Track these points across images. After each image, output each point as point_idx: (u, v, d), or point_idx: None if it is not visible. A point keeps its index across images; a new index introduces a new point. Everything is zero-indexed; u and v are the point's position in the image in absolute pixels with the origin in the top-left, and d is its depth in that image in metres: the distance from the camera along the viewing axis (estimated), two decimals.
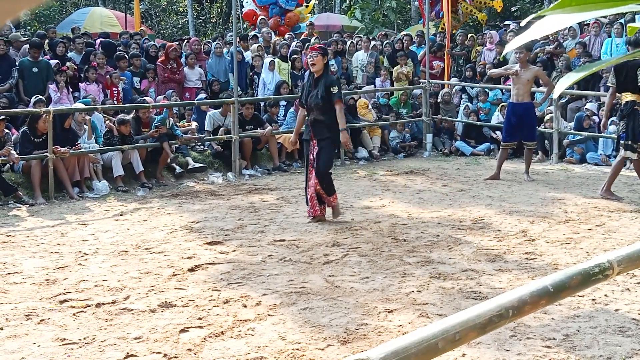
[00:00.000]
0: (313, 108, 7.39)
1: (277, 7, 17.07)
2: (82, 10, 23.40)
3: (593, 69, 1.27)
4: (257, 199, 8.98)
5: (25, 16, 23.28)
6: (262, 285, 5.32)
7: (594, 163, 11.54)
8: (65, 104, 10.70)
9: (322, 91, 7.27)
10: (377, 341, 4.16)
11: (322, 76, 7.37)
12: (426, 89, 13.26)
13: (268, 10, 17.08)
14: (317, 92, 7.32)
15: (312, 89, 7.42)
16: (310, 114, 7.47)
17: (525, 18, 1.41)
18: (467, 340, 1.60)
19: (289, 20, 17.20)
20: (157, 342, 4.22)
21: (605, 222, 7.28)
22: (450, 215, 7.73)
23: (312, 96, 7.35)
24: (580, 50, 13.06)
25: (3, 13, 0.77)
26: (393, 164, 12.00)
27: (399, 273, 5.55)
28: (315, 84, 7.39)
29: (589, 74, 1.25)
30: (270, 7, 17.05)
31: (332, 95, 7.27)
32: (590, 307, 4.71)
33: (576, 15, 1.14)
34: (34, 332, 4.43)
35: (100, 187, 9.61)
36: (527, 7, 23.12)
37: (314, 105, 7.36)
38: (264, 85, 12.75)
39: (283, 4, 17.05)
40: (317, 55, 7.30)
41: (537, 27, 1.22)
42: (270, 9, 17.07)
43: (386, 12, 23.55)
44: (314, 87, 7.39)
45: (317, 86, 7.34)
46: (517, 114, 9.93)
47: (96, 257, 6.29)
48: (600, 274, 1.91)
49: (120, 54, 12.51)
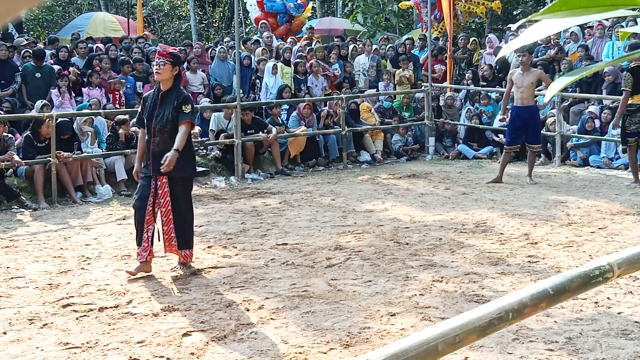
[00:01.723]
0: (157, 132, 5.74)
1: (286, 15, 17.09)
2: (84, 15, 23.47)
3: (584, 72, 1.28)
4: (260, 202, 8.99)
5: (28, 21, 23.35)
6: (265, 289, 5.33)
7: (596, 166, 11.52)
8: (67, 108, 10.73)
9: (171, 110, 5.70)
10: (379, 345, 4.16)
11: (171, 90, 5.77)
12: (428, 93, 13.27)
13: (276, 18, 17.09)
14: (163, 111, 5.73)
15: (157, 106, 5.77)
16: (152, 140, 5.77)
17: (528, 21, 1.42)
18: (467, 342, 1.61)
19: (297, 27, 17.25)
20: (160, 346, 4.23)
21: (608, 225, 7.28)
22: (452, 219, 7.73)
23: (158, 116, 5.73)
24: (583, 53, 13.06)
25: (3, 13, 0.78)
26: (395, 168, 12.00)
27: (401, 276, 5.56)
28: (162, 101, 5.76)
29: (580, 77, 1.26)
30: (279, 15, 17.06)
31: (182, 116, 5.70)
32: (592, 310, 4.71)
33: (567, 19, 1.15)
34: (37, 337, 4.44)
35: (103, 191, 9.63)
36: (529, 11, 23.13)
37: (160, 129, 5.73)
38: (267, 89, 12.77)
39: (293, 11, 17.08)
40: (165, 64, 5.68)
41: (529, 31, 1.23)
42: (280, 17, 17.08)
43: (388, 15, 23.57)
44: (159, 105, 5.76)
45: (165, 103, 5.74)
46: (522, 117, 9.93)
47: (99, 261, 6.31)
48: (601, 276, 1.91)
49: (125, 58, 12.53)
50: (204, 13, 32.18)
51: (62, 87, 10.98)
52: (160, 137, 5.73)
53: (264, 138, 11.28)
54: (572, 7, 1.09)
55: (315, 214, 8.15)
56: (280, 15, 17.10)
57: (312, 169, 11.93)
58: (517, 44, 1.30)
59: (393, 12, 22.86)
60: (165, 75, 5.70)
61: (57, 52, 12.35)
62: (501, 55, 1.92)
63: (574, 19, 1.14)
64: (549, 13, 1.13)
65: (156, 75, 5.80)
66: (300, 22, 17.35)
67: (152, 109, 5.78)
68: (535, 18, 1.18)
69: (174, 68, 5.73)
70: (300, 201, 8.98)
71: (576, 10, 1.09)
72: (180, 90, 5.87)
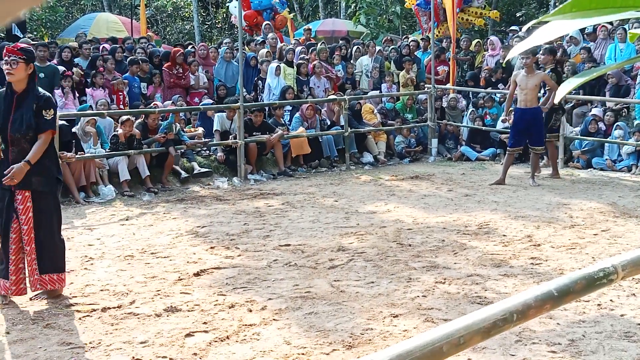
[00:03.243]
0: (15, 142, 5.05)
1: (272, 11, 17.34)
2: (88, 16, 23.48)
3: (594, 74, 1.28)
4: (263, 203, 9.00)
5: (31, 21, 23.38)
6: (268, 289, 5.33)
7: (599, 168, 11.51)
8: (71, 109, 10.74)
9: (31, 115, 5.03)
10: (382, 346, 4.17)
11: (26, 92, 5.09)
12: (431, 94, 13.27)
13: (263, 15, 17.31)
14: (21, 116, 5.03)
15: (12, 111, 5.06)
16: (10, 149, 5.08)
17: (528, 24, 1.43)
18: (471, 344, 1.61)
19: (280, 22, 17.43)
20: (163, 347, 4.23)
21: (611, 228, 7.27)
22: (455, 220, 7.73)
23: (15, 123, 5.02)
24: (585, 55, 13.06)
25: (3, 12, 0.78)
26: (398, 169, 12.00)
27: (404, 278, 5.56)
28: (18, 104, 5.06)
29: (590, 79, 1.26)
30: (265, 12, 17.27)
31: (44, 124, 5.07)
32: (595, 312, 4.70)
33: (578, 21, 1.15)
34: (40, 336, 4.45)
35: (106, 191, 9.64)
36: (532, 13, 23.12)
37: (18, 138, 5.04)
38: (270, 90, 12.78)
39: (278, 7, 17.38)
40: (18, 62, 4.99)
41: (539, 33, 1.23)
42: (266, 13, 17.28)
43: (391, 17, 23.57)
44: (15, 109, 5.05)
45: (21, 107, 5.05)
46: (525, 119, 9.93)
47: (102, 261, 6.31)
48: (605, 278, 1.91)
49: (134, 58, 12.56)
50: (207, 14, 32.19)
51: (65, 88, 10.99)
52: (20, 147, 5.05)
53: (267, 139, 11.28)
54: (582, 8, 1.09)
55: (318, 215, 8.15)
56: (267, 12, 17.29)
57: (315, 170, 11.93)
58: (527, 44, 1.31)
59: (396, 14, 22.86)
60: (19, 75, 5.02)
61: (60, 53, 12.36)
62: (511, 55, 1.92)
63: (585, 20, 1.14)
64: (560, 14, 1.13)
65: (9, 77, 5.03)
66: (282, 18, 17.57)
67: (6, 113, 5.04)
68: (546, 19, 1.18)
69: (28, 66, 5.06)
70: (303, 202, 8.98)
71: (586, 12, 1.10)
72: (37, 90, 5.15)
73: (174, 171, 10.60)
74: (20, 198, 5.05)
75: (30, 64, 5.08)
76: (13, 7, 0.78)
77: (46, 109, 5.08)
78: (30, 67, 5.09)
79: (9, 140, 5.05)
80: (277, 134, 11.33)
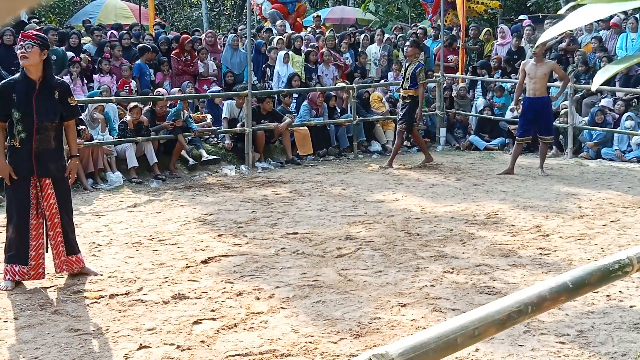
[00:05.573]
0: (42, 129, 5.09)
1: (294, 2, 17.24)
2: (96, 2, 23.41)
3: (633, 60, 1.25)
4: (270, 191, 8.98)
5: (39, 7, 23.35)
6: (275, 278, 5.33)
7: (608, 158, 11.45)
8: (79, 95, 10.74)
9: (55, 103, 5.12)
10: (390, 335, 4.16)
11: (45, 79, 5.12)
12: (440, 83, 13.20)
13: (288, 8, 17.24)
14: (44, 103, 5.07)
15: (34, 98, 5.07)
16: (34, 137, 5.08)
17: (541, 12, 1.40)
18: (486, 336, 1.59)
19: (299, 10, 17.44)
20: (170, 334, 4.24)
21: (620, 218, 7.23)
22: (463, 210, 7.70)
23: (40, 109, 5.05)
24: (596, 44, 12.96)
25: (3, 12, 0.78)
26: (406, 158, 11.96)
27: (412, 267, 5.54)
28: (40, 92, 5.08)
29: (628, 66, 1.24)
30: (290, 4, 17.20)
31: (70, 112, 5.23)
32: (604, 304, 4.68)
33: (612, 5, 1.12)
34: (48, 322, 4.46)
35: (114, 178, 9.65)
36: (542, 1, 22.93)
37: (45, 125, 5.09)
38: (279, 78, 12.74)
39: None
40: (33, 46, 5.01)
41: (572, 17, 1.20)
42: (291, 5, 17.22)
43: (400, 5, 23.45)
44: (36, 97, 5.07)
45: (42, 95, 5.09)
46: (534, 108, 9.87)
47: (110, 248, 6.32)
48: (620, 270, 1.89)
49: (147, 45, 12.54)
50: (215, 1, 32.11)
51: (73, 74, 10.98)
52: (45, 135, 5.10)
53: (274, 127, 11.26)
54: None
55: (326, 203, 8.13)
56: (292, 4, 17.22)
57: (323, 158, 11.91)
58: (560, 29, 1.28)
59: (405, 2, 22.74)
60: (33, 59, 5.02)
61: (68, 39, 12.34)
62: (542, 41, 1.88)
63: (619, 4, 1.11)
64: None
65: (23, 60, 5.03)
66: (303, 6, 17.60)
67: (27, 101, 5.04)
68: (581, 3, 1.15)
69: (42, 52, 5.06)
70: (311, 190, 8.97)
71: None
72: (56, 78, 5.29)
73: (181, 158, 10.60)
74: (41, 186, 5.17)
75: (44, 49, 5.09)
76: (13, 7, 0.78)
77: (70, 96, 5.22)
78: (45, 53, 5.09)
79: (34, 128, 5.07)
80: (285, 122, 11.30)
